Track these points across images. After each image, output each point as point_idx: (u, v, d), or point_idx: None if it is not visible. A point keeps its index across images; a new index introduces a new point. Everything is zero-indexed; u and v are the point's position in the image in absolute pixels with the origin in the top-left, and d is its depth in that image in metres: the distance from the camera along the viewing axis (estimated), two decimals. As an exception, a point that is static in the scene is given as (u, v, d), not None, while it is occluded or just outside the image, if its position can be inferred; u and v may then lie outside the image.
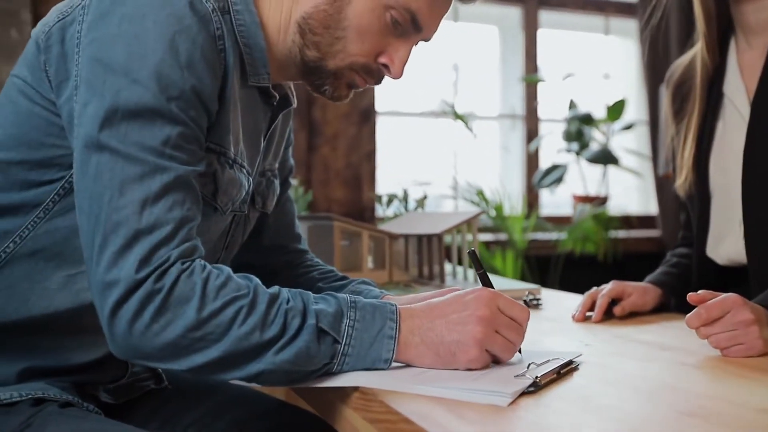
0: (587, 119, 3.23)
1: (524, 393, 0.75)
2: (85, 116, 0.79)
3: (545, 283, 2.94)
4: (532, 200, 3.44)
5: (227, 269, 0.81)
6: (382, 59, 0.94)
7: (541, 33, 3.48)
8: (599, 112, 3.32)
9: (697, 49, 1.34)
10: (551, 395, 0.76)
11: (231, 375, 0.79)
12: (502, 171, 3.58)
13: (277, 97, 0.99)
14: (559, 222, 3.33)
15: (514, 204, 2.94)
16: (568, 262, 3.04)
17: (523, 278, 2.92)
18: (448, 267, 1.63)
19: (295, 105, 1.07)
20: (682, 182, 1.34)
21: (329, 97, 0.96)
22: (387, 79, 0.97)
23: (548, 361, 0.85)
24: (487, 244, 2.94)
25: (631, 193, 3.77)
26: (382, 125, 3.29)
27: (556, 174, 3.23)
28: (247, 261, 1.17)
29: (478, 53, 3.57)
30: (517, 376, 0.79)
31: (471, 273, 1.51)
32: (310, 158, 3.11)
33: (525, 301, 1.31)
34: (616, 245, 3.12)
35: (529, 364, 0.83)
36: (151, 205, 0.77)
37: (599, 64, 3.70)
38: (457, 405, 0.72)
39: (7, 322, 0.87)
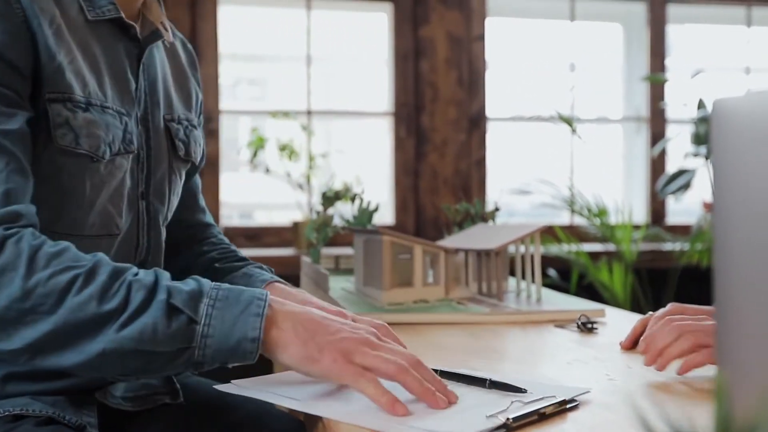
0: (718, 120, 2.96)
1: (491, 436, 0.68)
2: None
3: (659, 300, 2.72)
4: (657, 208, 3.21)
5: (68, 243, 0.77)
6: None
7: (669, 29, 3.25)
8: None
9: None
10: (520, 441, 0.68)
11: (69, 358, 0.72)
12: (625, 177, 3.36)
13: (136, 27, 0.96)
14: (682, 232, 3.08)
15: (621, 210, 2.73)
16: (688, 275, 2.79)
17: (633, 294, 2.71)
18: (512, 283, 1.54)
19: (168, 38, 1.02)
20: None
21: None
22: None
23: (541, 398, 0.76)
24: (593, 256, 2.76)
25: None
26: (494, 131, 3.19)
27: (682, 180, 2.98)
28: None
29: (599, 53, 3.38)
30: (490, 416, 0.71)
31: (534, 288, 1.41)
32: (418, 166, 3.08)
33: (577, 325, 1.21)
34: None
35: (513, 402, 0.75)
36: None
37: (740, 59, 3.39)
38: (404, 446, 0.66)
39: None
